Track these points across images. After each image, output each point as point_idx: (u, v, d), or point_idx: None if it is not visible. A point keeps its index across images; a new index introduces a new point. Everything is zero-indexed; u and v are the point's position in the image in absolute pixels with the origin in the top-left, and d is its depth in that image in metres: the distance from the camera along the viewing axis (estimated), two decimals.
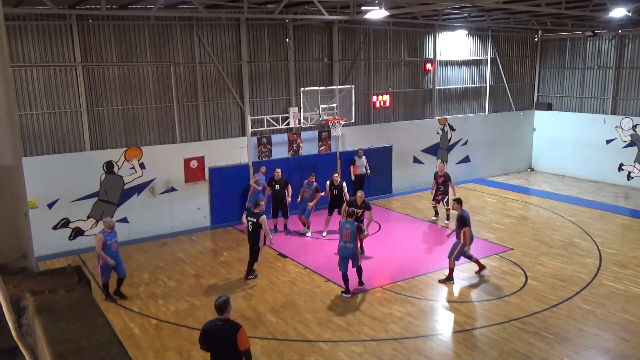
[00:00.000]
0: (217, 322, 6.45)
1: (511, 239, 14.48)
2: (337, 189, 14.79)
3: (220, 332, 6.37)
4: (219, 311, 6.43)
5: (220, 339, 6.37)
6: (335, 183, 14.83)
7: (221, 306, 6.41)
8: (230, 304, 6.50)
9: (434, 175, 16.03)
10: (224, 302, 6.44)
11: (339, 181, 14.93)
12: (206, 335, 6.46)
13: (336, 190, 14.79)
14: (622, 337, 9.33)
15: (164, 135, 15.31)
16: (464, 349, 9.01)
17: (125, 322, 10.10)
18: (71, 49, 13.67)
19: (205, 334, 6.47)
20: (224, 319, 6.43)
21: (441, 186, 15.66)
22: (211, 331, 6.42)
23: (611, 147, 20.66)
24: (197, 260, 13.35)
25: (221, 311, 6.41)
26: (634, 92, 20.20)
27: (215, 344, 6.43)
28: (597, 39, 20.93)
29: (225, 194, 16.19)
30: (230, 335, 6.25)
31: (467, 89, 21.39)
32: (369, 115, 18.95)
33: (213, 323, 6.50)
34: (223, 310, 6.41)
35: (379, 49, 18.84)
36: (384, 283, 11.72)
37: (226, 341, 6.29)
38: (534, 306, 10.43)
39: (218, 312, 6.44)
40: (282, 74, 16.95)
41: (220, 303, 6.43)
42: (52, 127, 13.79)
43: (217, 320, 6.45)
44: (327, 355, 8.82)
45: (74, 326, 1.68)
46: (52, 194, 13.70)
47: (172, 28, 14.98)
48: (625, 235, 14.81)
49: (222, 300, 6.45)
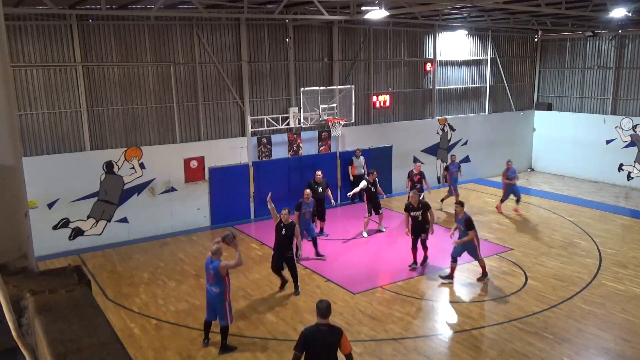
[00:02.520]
0: (321, 327, 6.24)
1: (511, 239, 14.48)
2: (374, 185, 14.62)
3: (324, 337, 6.21)
4: (323, 316, 6.24)
5: (324, 344, 6.22)
6: (371, 180, 14.61)
7: (326, 311, 6.25)
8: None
9: (408, 174, 16.37)
10: (329, 307, 6.29)
11: (375, 179, 14.68)
12: (307, 341, 6.19)
13: (373, 187, 14.60)
14: (622, 337, 9.33)
15: (164, 135, 15.31)
16: (464, 349, 9.01)
17: (125, 322, 10.10)
18: (71, 49, 13.67)
19: (305, 340, 6.20)
20: (327, 324, 6.28)
21: (417, 184, 15.86)
22: (314, 337, 6.22)
23: (611, 147, 20.66)
24: (197, 260, 13.34)
25: (325, 316, 6.25)
26: (634, 92, 20.20)
27: (318, 349, 6.24)
28: (597, 39, 20.93)
29: (225, 194, 16.20)
30: (333, 340, 6.17)
31: (467, 89, 21.39)
32: (369, 115, 18.95)
33: (316, 328, 6.27)
34: (327, 314, 6.27)
35: (379, 49, 18.85)
36: (384, 283, 11.72)
37: (329, 346, 6.20)
38: (534, 306, 10.43)
39: (322, 317, 6.24)
40: (282, 74, 16.95)
41: (325, 307, 6.26)
42: (52, 127, 13.79)
43: (321, 325, 6.25)
44: None
45: (74, 326, 1.68)
46: (52, 194, 13.70)
47: (172, 28, 14.99)
48: (625, 235, 14.81)
49: (326, 305, 6.28)
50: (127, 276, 12.42)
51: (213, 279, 8.64)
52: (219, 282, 8.61)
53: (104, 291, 11.49)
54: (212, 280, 8.67)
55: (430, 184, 16.71)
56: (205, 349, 9.04)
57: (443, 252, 12.52)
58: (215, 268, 8.57)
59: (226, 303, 8.73)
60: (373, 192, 14.61)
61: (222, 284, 8.63)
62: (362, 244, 14.30)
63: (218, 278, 8.60)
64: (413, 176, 16.06)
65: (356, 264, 12.81)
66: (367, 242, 14.46)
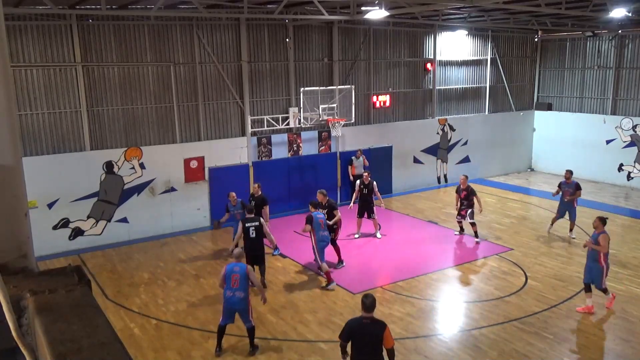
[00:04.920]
0: (364, 320, 6.46)
1: (511, 239, 14.48)
2: (368, 188, 14.35)
3: (367, 330, 6.41)
4: (368, 310, 6.44)
5: (367, 336, 6.41)
6: (366, 182, 14.37)
7: (372, 305, 6.44)
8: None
9: (457, 189, 14.48)
10: (374, 301, 6.49)
11: (370, 180, 14.38)
12: (351, 331, 6.47)
13: (366, 189, 14.36)
14: (622, 337, 9.33)
15: (164, 135, 15.31)
16: (464, 349, 9.01)
17: (125, 322, 10.10)
18: (71, 49, 13.68)
19: (350, 330, 6.49)
20: (371, 317, 6.47)
21: (464, 201, 14.17)
22: (358, 329, 6.46)
23: (611, 147, 20.66)
24: (197, 260, 13.35)
25: (370, 310, 6.45)
26: (634, 92, 20.20)
27: (361, 341, 6.45)
28: (597, 39, 20.93)
29: (225, 194, 16.15)
30: (377, 333, 6.32)
31: (467, 89, 21.39)
32: (369, 116, 18.95)
33: (360, 321, 6.50)
34: (372, 308, 6.46)
35: (379, 49, 18.85)
36: (384, 283, 11.72)
37: (373, 339, 6.36)
38: (534, 306, 10.43)
39: (367, 311, 6.44)
40: (282, 74, 16.95)
41: (370, 302, 6.44)
42: (52, 127, 13.79)
43: (364, 319, 6.46)
44: (327, 355, 8.82)
45: (74, 326, 1.67)
46: (52, 194, 13.69)
47: (172, 28, 14.99)
48: (625, 235, 14.81)
49: (372, 300, 6.47)
50: (127, 276, 12.42)
51: (239, 284, 8.48)
52: (244, 286, 8.52)
53: (104, 291, 11.50)
54: (236, 285, 8.49)
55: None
56: (205, 349, 9.04)
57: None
58: (243, 271, 8.51)
59: (249, 305, 8.74)
60: (365, 193, 14.35)
61: (246, 287, 8.57)
62: (362, 244, 14.30)
63: (244, 282, 8.50)
64: (460, 192, 14.20)
65: (356, 264, 12.81)
66: (367, 242, 14.46)
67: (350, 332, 6.48)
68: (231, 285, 8.54)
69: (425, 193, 19.64)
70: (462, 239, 14.59)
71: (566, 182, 14.48)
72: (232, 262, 8.80)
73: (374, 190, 14.29)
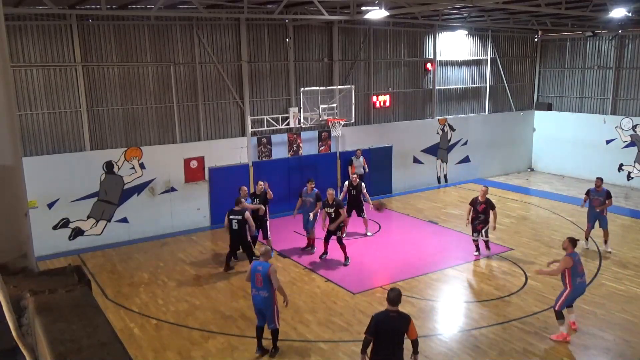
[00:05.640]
0: (391, 313, 6.67)
1: (511, 239, 14.48)
2: (356, 189, 14.42)
3: (393, 322, 6.65)
4: (394, 303, 6.64)
5: (393, 329, 6.64)
6: (354, 184, 14.44)
7: (397, 299, 6.65)
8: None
9: (473, 202, 12.91)
10: (399, 295, 6.69)
11: (358, 182, 14.48)
12: (377, 325, 6.63)
13: (354, 191, 14.43)
14: (622, 337, 9.33)
15: (164, 135, 15.31)
16: (463, 349, 9.01)
17: (125, 322, 10.10)
18: (71, 49, 13.68)
19: (377, 324, 6.64)
20: (397, 311, 6.68)
21: (481, 215, 12.75)
22: (384, 322, 6.64)
23: (611, 147, 20.66)
24: (197, 260, 13.35)
25: (395, 303, 6.65)
26: (634, 92, 20.20)
27: (386, 333, 6.64)
28: (597, 39, 20.93)
29: (225, 194, 16.14)
30: (403, 326, 6.62)
31: (467, 89, 21.39)
32: (369, 116, 18.95)
33: (386, 314, 6.70)
34: (397, 302, 6.67)
35: (379, 49, 18.84)
36: (384, 283, 11.71)
37: (398, 331, 6.63)
38: (534, 306, 10.43)
39: (392, 304, 6.64)
40: (282, 74, 16.95)
41: (395, 296, 6.65)
42: (52, 127, 13.79)
43: (390, 312, 6.67)
44: (327, 355, 8.82)
45: (74, 326, 1.68)
46: (52, 194, 13.70)
47: (172, 28, 14.99)
48: (625, 235, 14.81)
49: (397, 293, 6.68)
50: (127, 276, 12.42)
51: (262, 283, 8.43)
52: (267, 286, 8.43)
53: (104, 291, 11.50)
54: (260, 285, 8.45)
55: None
56: (204, 349, 9.04)
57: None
58: (265, 271, 8.39)
59: (275, 307, 8.62)
60: (354, 195, 14.46)
61: (270, 288, 8.47)
62: (362, 244, 14.30)
63: (267, 281, 8.42)
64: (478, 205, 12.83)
65: (356, 264, 12.81)
66: (367, 242, 14.45)
67: (377, 326, 6.62)
68: (255, 284, 8.56)
69: (425, 193, 19.65)
70: (462, 239, 14.57)
71: (596, 190, 13.28)
72: (258, 261, 8.80)
73: (362, 192, 14.43)
